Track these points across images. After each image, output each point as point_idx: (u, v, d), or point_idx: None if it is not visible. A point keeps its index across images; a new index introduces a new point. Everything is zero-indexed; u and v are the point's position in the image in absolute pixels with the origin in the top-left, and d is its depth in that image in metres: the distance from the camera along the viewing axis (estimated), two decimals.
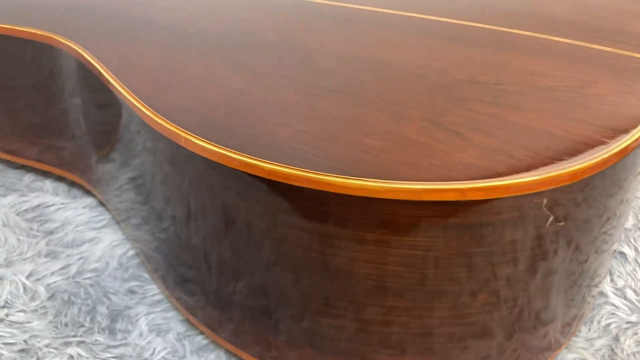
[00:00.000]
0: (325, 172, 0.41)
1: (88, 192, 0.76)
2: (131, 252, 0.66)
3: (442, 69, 0.54)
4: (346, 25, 0.65)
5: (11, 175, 0.79)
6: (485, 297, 0.45)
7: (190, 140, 0.45)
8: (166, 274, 0.61)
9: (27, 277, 0.62)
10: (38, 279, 0.62)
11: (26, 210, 0.72)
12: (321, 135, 0.45)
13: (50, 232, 0.69)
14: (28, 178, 0.78)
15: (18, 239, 0.67)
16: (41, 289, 0.61)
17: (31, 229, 0.69)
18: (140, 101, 0.50)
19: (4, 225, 0.69)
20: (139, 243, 0.65)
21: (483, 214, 0.41)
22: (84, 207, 0.73)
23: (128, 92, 0.52)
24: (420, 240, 0.41)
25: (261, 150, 0.44)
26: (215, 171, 0.46)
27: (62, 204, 0.74)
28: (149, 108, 0.49)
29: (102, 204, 0.74)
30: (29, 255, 0.66)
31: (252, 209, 0.45)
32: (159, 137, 0.50)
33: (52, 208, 0.73)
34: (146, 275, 0.64)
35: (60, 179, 0.78)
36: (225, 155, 0.43)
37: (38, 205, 0.73)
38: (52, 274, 0.63)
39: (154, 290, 0.62)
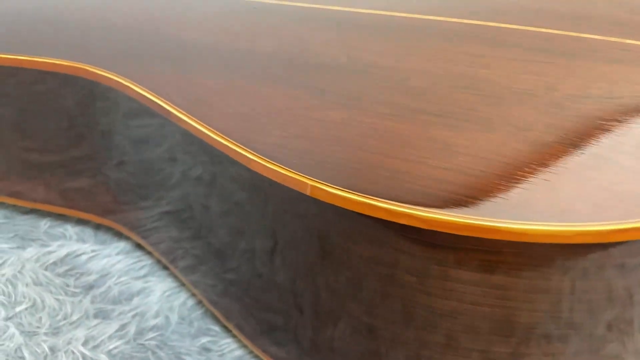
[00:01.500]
0: (494, 218, 0.36)
1: (118, 234, 0.68)
2: (191, 301, 0.60)
3: (544, 83, 0.50)
4: (410, 38, 0.60)
5: (22, 221, 0.70)
6: None
7: (321, 188, 0.39)
8: (243, 323, 0.54)
9: (84, 345, 0.54)
10: (96, 346, 0.55)
11: (54, 264, 0.64)
12: (464, 171, 0.40)
13: (91, 287, 0.61)
14: (45, 224, 0.70)
15: (57, 300, 0.59)
16: (104, 359, 0.53)
17: (67, 285, 0.61)
18: (237, 144, 0.44)
19: (36, 284, 0.61)
20: (199, 288, 0.59)
21: None
22: (118, 253, 0.65)
23: (216, 132, 0.45)
24: (600, 282, 0.38)
25: (402, 195, 0.38)
26: (320, 206, 0.41)
27: (92, 251, 0.66)
28: (253, 152, 0.43)
29: (139, 246, 0.66)
30: (75, 318, 0.58)
31: (384, 257, 0.40)
32: (230, 164, 0.45)
33: (83, 257, 0.65)
34: (216, 328, 0.57)
35: (80, 221, 0.70)
36: (369, 204, 0.38)
37: (66, 256, 0.65)
38: (110, 337, 0.56)
39: (231, 345, 0.55)
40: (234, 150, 0.44)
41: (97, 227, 0.69)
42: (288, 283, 0.48)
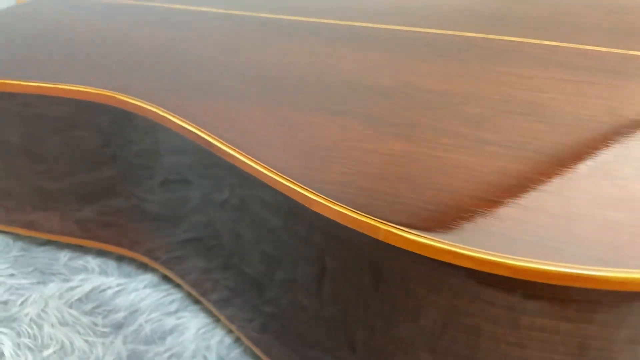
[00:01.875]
0: (591, 266, 0.34)
1: (143, 266, 0.65)
2: (228, 339, 0.56)
3: (607, 108, 0.48)
4: (453, 57, 0.58)
5: (41, 254, 0.67)
6: None
7: (396, 233, 0.37)
8: None
9: None
10: None
11: (79, 300, 0.60)
12: (554, 214, 0.37)
13: (120, 326, 0.58)
14: (64, 256, 0.66)
15: (86, 341, 0.56)
16: None
17: (96, 325, 0.58)
18: (299, 184, 0.41)
19: (62, 324, 0.57)
20: (235, 323, 0.56)
21: None
22: (145, 287, 0.62)
23: (270, 169, 0.42)
24: None
25: (488, 241, 0.36)
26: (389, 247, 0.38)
27: (118, 285, 0.62)
28: (317, 193, 0.40)
29: (166, 278, 0.63)
30: None
31: (463, 306, 0.37)
32: (261, 187, 0.43)
33: (109, 292, 0.61)
34: None
35: (101, 252, 0.66)
36: (452, 252, 0.35)
37: (91, 291, 0.61)
38: None
39: None
40: (295, 190, 0.40)
41: (120, 258, 0.66)
42: (338, 317, 0.45)
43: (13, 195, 0.66)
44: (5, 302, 0.59)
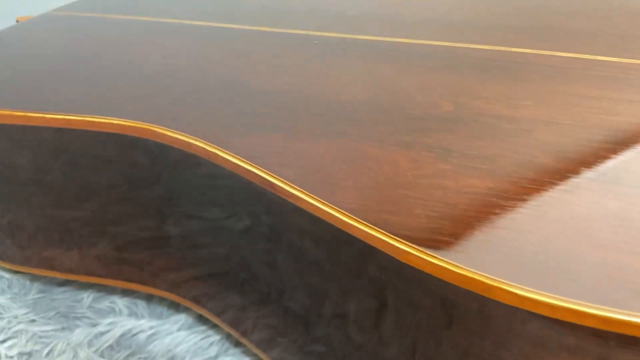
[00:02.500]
0: None
1: (175, 305, 0.60)
2: None
3: None
4: (509, 76, 0.54)
5: (61, 295, 0.62)
6: None
7: (509, 291, 0.33)
8: None
9: None
10: None
11: (111, 348, 0.55)
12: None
13: None
14: (88, 296, 0.61)
15: None
16: None
17: None
18: (381, 230, 0.37)
19: None
20: None
21: None
22: (180, 329, 0.57)
23: (346, 214, 0.38)
24: None
25: (614, 296, 0.32)
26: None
27: (151, 328, 0.57)
28: (411, 245, 0.36)
29: (201, 318, 0.58)
30: None
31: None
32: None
33: (142, 336, 0.57)
34: None
35: (128, 290, 0.62)
36: (575, 311, 0.32)
37: (122, 336, 0.57)
38: None
39: None
40: (379, 239, 0.36)
41: (149, 297, 0.61)
42: (402, 357, 0.41)
43: (25, 229, 0.61)
44: (29, 354, 0.54)
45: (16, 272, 0.64)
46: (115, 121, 0.50)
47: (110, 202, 0.55)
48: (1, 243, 0.63)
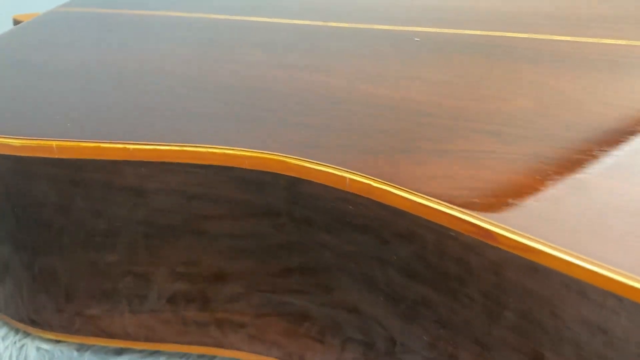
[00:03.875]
0: None
1: None
2: None
3: None
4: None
5: None
6: None
7: None
8: None
9: None
10: None
11: None
12: None
13: None
14: None
15: None
16: None
17: None
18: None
19: None
20: None
21: None
22: None
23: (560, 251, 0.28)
24: None
25: None
26: None
27: None
28: None
29: None
30: None
31: None
32: None
33: None
34: None
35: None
36: None
37: None
38: None
39: None
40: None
41: None
42: None
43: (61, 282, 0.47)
44: None
45: (58, 341, 0.50)
46: (230, 151, 0.38)
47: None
48: (35, 302, 0.49)
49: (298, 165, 0.36)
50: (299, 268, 0.41)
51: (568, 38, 0.53)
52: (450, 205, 0.32)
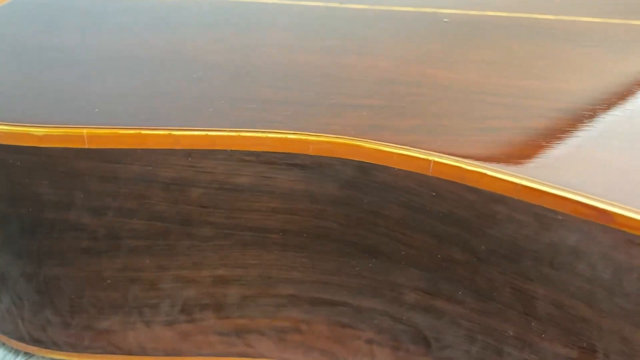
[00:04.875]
0: None
1: None
2: None
3: None
4: None
5: None
6: None
7: None
8: None
9: None
10: None
11: None
12: None
13: None
14: None
15: None
16: None
17: None
18: None
19: None
20: None
21: None
22: None
23: None
24: None
25: None
26: None
27: None
28: None
29: None
30: None
31: None
32: None
33: None
34: None
35: None
36: None
37: None
38: None
39: None
40: None
41: None
42: None
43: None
44: None
45: None
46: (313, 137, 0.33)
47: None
48: (39, 317, 0.43)
49: (373, 148, 0.33)
50: (364, 265, 0.37)
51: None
52: (563, 188, 0.29)
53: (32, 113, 0.34)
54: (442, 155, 0.32)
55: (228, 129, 0.34)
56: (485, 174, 0.31)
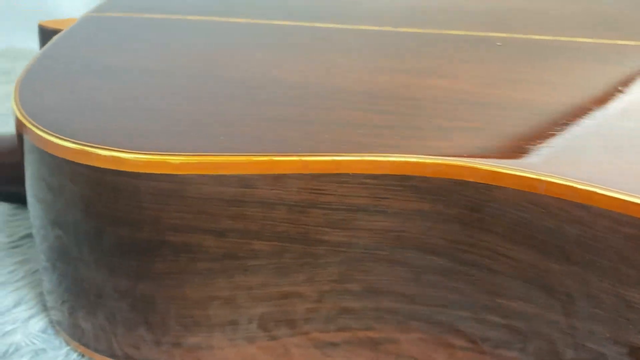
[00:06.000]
0: None
1: None
2: None
3: None
4: None
5: None
6: None
7: None
8: None
9: None
10: None
11: None
12: None
13: None
14: None
15: None
16: None
17: None
18: None
19: None
20: None
21: None
22: None
23: None
24: None
25: None
26: None
27: None
28: None
29: None
30: None
31: None
32: None
33: None
34: None
35: None
36: None
37: None
38: None
39: None
40: None
41: None
42: None
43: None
44: None
45: None
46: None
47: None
48: (133, 334, 0.45)
49: (490, 170, 0.36)
50: (464, 277, 0.40)
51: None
52: None
53: (165, 141, 0.36)
54: (553, 175, 0.35)
55: (352, 154, 0.36)
56: (595, 192, 0.34)
